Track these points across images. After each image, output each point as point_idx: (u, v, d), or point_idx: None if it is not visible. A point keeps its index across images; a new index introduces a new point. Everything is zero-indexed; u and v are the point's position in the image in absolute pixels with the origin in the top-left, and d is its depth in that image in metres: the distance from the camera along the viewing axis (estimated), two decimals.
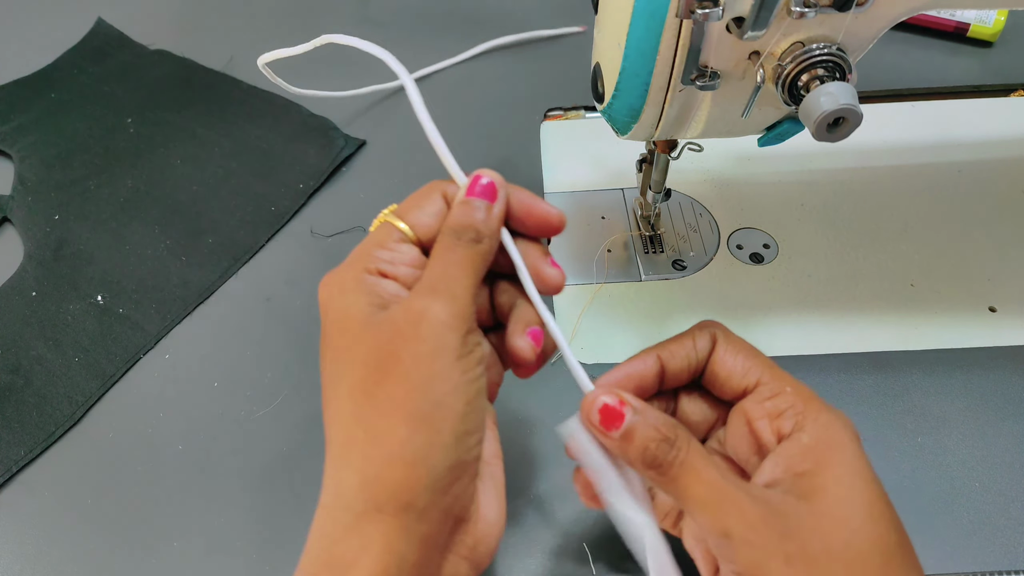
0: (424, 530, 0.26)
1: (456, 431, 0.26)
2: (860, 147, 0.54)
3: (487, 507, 0.29)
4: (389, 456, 0.26)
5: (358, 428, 0.27)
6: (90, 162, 0.56)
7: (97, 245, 0.51)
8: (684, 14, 0.30)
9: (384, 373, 0.26)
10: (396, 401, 0.26)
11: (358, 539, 0.26)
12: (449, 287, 0.27)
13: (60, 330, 0.46)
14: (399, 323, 0.27)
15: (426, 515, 0.26)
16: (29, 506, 0.40)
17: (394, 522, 0.26)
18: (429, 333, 0.26)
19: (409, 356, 0.26)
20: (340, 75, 0.59)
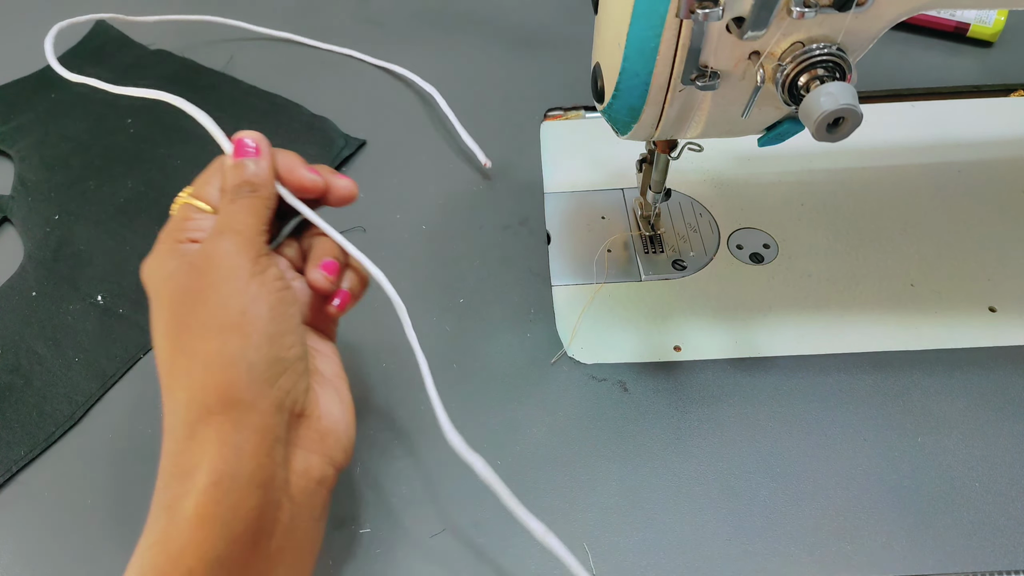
0: (256, 421, 0.29)
1: (266, 332, 0.30)
2: (860, 147, 0.54)
3: (329, 406, 0.33)
4: (207, 365, 0.29)
5: (178, 356, 0.30)
6: (90, 162, 0.56)
7: (97, 245, 0.51)
8: (684, 14, 0.30)
9: (190, 306, 0.30)
10: (205, 322, 0.29)
11: (195, 443, 0.28)
12: (233, 225, 0.31)
13: (60, 330, 0.46)
14: (196, 263, 0.31)
15: (255, 407, 0.29)
16: (29, 506, 0.40)
17: (224, 419, 0.28)
18: (221, 261, 0.30)
19: (208, 284, 0.30)
20: None
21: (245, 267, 0.30)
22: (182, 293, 0.30)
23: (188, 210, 0.33)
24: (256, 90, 0.62)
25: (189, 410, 0.29)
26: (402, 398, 0.43)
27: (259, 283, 0.30)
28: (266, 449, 0.29)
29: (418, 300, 0.47)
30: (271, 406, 0.29)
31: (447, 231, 0.50)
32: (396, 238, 0.50)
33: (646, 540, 0.37)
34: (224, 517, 0.27)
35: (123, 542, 0.38)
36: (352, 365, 0.44)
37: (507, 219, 0.51)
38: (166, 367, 0.30)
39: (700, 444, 0.40)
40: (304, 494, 0.31)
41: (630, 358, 0.43)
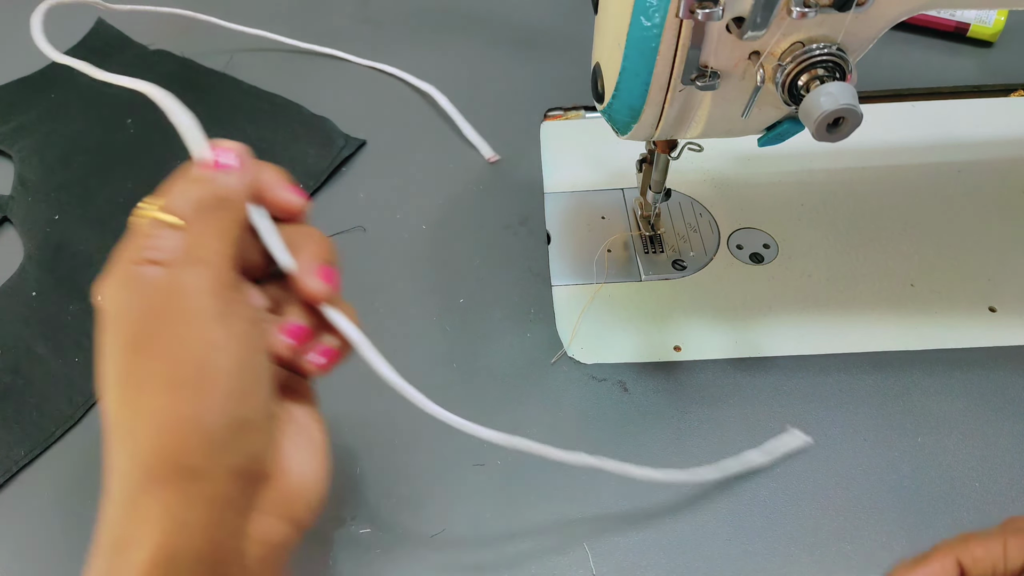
0: (208, 491, 0.25)
1: (229, 390, 0.25)
2: (860, 147, 0.54)
3: (299, 463, 0.28)
4: (154, 425, 0.25)
5: (124, 410, 0.26)
6: (90, 162, 0.56)
7: (97, 245, 0.51)
8: (684, 14, 0.30)
9: (141, 351, 0.25)
10: (156, 374, 0.25)
11: (136, 514, 0.25)
12: (200, 253, 0.26)
13: (60, 330, 0.46)
14: (152, 299, 0.26)
15: (208, 475, 0.25)
16: (29, 506, 0.40)
17: (171, 489, 0.25)
18: (180, 300, 0.26)
19: (165, 327, 0.25)
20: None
21: (208, 308, 0.26)
22: (133, 335, 0.26)
23: (153, 225, 0.28)
24: (256, 90, 0.61)
25: (131, 475, 0.25)
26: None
27: (224, 328, 0.26)
28: (217, 521, 0.25)
29: (418, 300, 0.47)
30: (227, 473, 0.25)
31: (447, 231, 0.50)
32: (396, 238, 0.50)
33: (646, 540, 0.37)
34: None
35: None
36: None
37: (507, 219, 0.51)
38: (110, 419, 0.26)
39: (700, 444, 0.40)
40: (262, 563, 0.26)
41: (630, 358, 0.43)
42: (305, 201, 0.30)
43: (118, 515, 0.25)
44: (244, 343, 0.26)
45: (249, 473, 0.26)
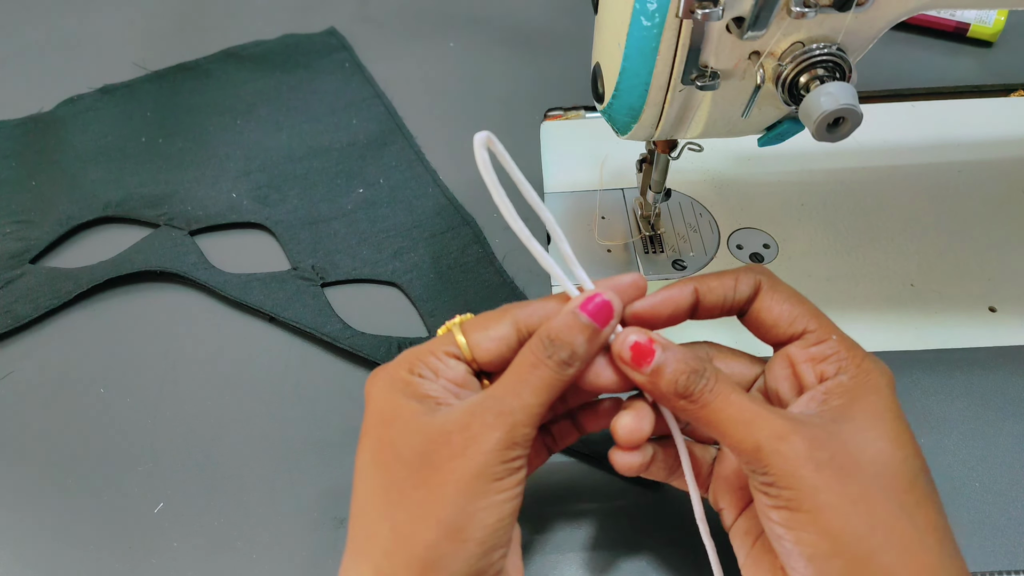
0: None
1: (484, 543, 0.26)
2: (860, 147, 0.54)
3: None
4: (411, 556, 0.26)
5: (384, 524, 0.26)
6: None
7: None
8: (684, 14, 0.30)
9: (423, 478, 0.26)
10: (429, 507, 0.26)
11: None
12: (515, 414, 0.27)
13: None
14: (451, 435, 0.26)
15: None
16: (29, 505, 0.40)
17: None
18: (478, 455, 0.26)
19: (453, 470, 0.26)
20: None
21: (497, 468, 0.26)
22: (421, 459, 0.26)
23: (442, 343, 0.29)
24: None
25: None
26: None
27: (500, 489, 0.26)
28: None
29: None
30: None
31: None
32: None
33: (647, 540, 0.37)
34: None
35: (123, 542, 0.38)
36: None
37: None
38: (366, 525, 0.27)
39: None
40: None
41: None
42: (645, 283, 0.31)
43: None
44: (510, 504, 0.27)
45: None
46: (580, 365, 0.28)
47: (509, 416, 0.27)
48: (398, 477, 0.27)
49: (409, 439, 0.27)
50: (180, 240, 0.50)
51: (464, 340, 0.29)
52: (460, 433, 0.26)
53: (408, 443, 0.27)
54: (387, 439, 0.27)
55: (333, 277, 0.48)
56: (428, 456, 0.26)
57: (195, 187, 0.54)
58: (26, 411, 0.43)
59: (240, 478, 0.40)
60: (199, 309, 0.48)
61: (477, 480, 0.26)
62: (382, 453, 0.27)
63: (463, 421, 0.27)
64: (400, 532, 0.26)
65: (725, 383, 0.28)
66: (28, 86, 0.63)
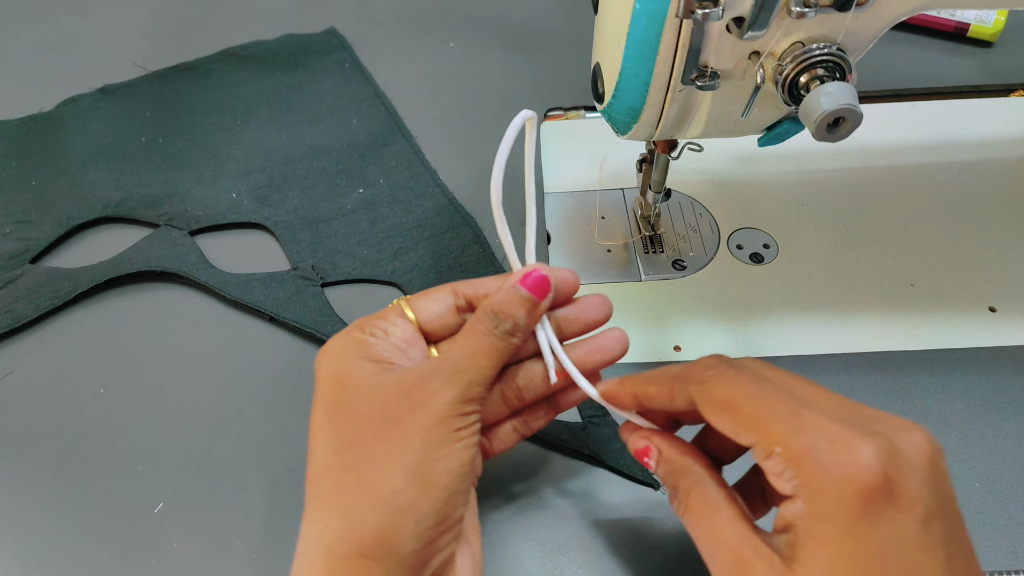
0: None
1: (448, 488, 0.28)
2: (860, 147, 0.54)
3: (462, 566, 0.29)
4: (379, 502, 0.27)
5: (349, 476, 0.28)
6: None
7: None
8: (684, 14, 0.30)
9: (385, 430, 0.28)
10: (394, 456, 0.27)
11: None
12: (468, 373, 0.29)
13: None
14: (410, 391, 0.28)
15: (407, 563, 0.27)
16: (29, 505, 0.40)
17: (376, 566, 0.27)
18: (438, 407, 0.28)
19: (415, 421, 0.28)
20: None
21: (455, 419, 0.28)
22: (382, 413, 0.28)
23: (390, 310, 0.31)
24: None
25: (340, 541, 0.27)
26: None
27: (459, 438, 0.28)
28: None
29: None
30: (420, 564, 0.27)
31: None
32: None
33: (647, 540, 0.37)
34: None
35: (123, 542, 0.38)
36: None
37: (507, 219, 0.51)
38: (329, 480, 0.28)
39: None
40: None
41: (630, 358, 0.43)
42: (578, 282, 0.33)
43: (313, 575, 0.27)
44: (469, 452, 0.29)
45: (433, 572, 0.28)
46: (522, 335, 0.31)
47: (464, 374, 0.29)
48: (360, 432, 0.28)
49: (368, 396, 0.28)
50: (180, 240, 0.50)
51: (409, 309, 0.31)
52: (419, 389, 0.28)
53: (368, 400, 0.28)
54: (343, 400, 0.29)
55: (333, 277, 0.48)
56: (389, 410, 0.28)
57: (195, 187, 0.54)
58: (26, 411, 0.43)
59: (240, 478, 0.40)
60: (199, 309, 0.48)
61: (438, 429, 0.28)
62: (339, 413, 0.29)
63: (421, 379, 0.29)
64: (367, 481, 0.27)
65: (699, 497, 0.28)
66: (28, 86, 0.63)
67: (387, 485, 0.27)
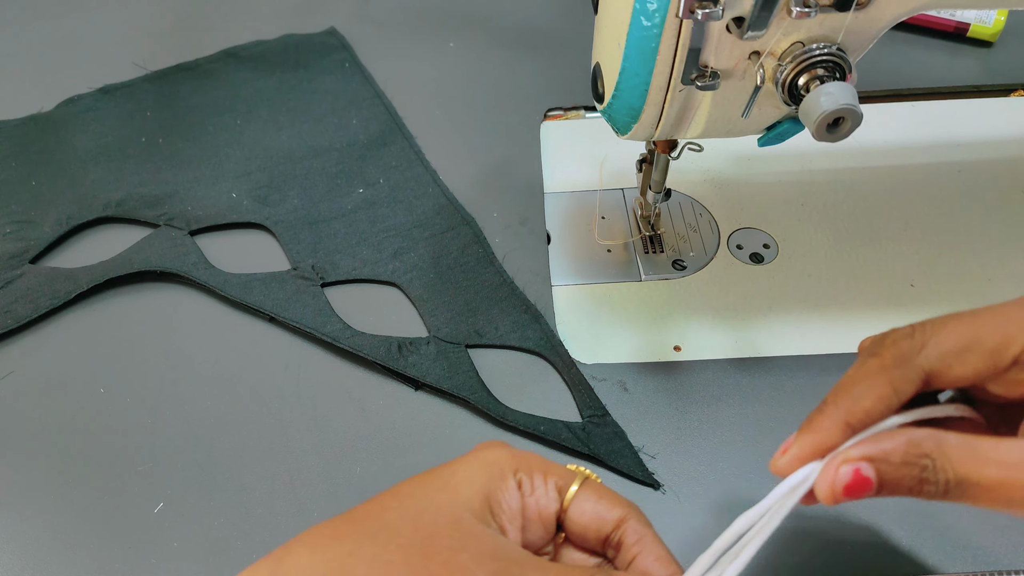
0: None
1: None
2: (860, 147, 0.54)
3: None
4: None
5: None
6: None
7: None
8: (684, 14, 0.30)
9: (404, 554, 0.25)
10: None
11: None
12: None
13: None
14: (450, 547, 0.25)
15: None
16: (29, 505, 0.40)
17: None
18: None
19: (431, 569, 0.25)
20: None
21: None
22: (420, 536, 0.25)
23: (562, 475, 0.28)
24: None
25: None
26: (402, 397, 0.43)
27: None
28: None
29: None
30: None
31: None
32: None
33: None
34: None
35: (123, 542, 0.38)
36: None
37: (507, 219, 0.51)
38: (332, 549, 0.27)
39: (700, 444, 0.40)
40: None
41: (630, 358, 0.43)
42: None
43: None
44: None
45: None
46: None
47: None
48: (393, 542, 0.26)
49: (481, 554, 0.25)
50: (180, 240, 0.50)
51: (573, 491, 0.28)
52: (455, 553, 0.25)
53: (477, 555, 0.25)
54: (458, 548, 0.26)
55: (333, 277, 0.48)
56: (426, 541, 0.25)
57: (195, 187, 0.54)
58: (26, 411, 0.43)
59: (240, 478, 0.40)
60: (199, 309, 0.48)
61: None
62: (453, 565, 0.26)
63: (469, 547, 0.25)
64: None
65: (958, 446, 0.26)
66: (28, 86, 0.63)
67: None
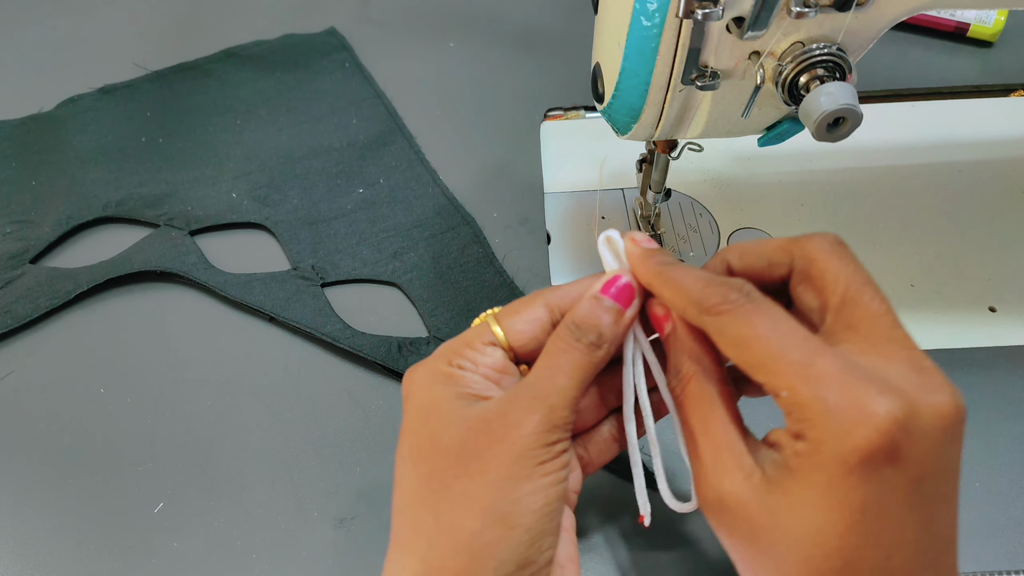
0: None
1: (531, 530, 0.26)
2: (860, 147, 0.54)
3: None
4: (457, 545, 0.26)
5: (428, 515, 0.26)
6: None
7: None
8: (684, 14, 0.30)
9: (464, 467, 0.26)
10: (473, 495, 0.26)
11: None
12: (550, 397, 0.27)
13: None
14: (491, 423, 0.27)
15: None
16: (29, 505, 0.40)
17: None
18: (518, 439, 0.26)
19: (494, 456, 0.26)
20: None
21: (539, 452, 0.26)
22: (463, 448, 0.26)
23: (478, 333, 0.29)
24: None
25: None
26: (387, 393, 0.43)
27: (544, 472, 0.26)
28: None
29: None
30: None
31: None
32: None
33: (647, 541, 0.37)
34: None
35: (123, 542, 0.38)
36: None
37: (507, 219, 0.51)
38: (410, 518, 0.27)
39: None
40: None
41: None
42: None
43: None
44: (555, 488, 0.27)
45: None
46: (609, 347, 0.28)
47: (545, 399, 0.27)
48: (439, 468, 0.27)
49: (449, 430, 0.27)
50: (180, 240, 0.50)
51: (499, 328, 0.29)
52: (499, 420, 0.26)
53: (448, 434, 0.27)
54: (426, 432, 0.27)
55: (333, 277, 0.48)
56: (468, 445, 0.26)
57: (195, 187, 0.54)
58: (26, 411, 0.44)
59: (240, 478, 0.40)
60: (199, 309, 0.48)
61: (519, 464, 0.26)
62: (421, 447, 0.27)
63: (501, 409, 0.27)
64: (444, 522, 0.26)
65: (698, 387, 0.27)
66: (28, 86, 0.63)
67: (465, 526, 0.26)
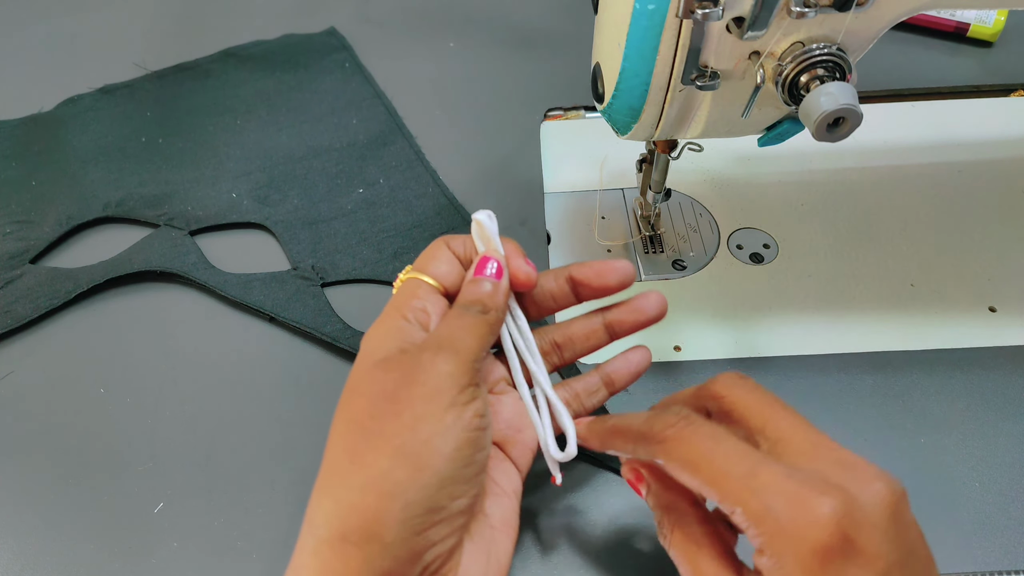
0: (386, 566, 0.26)
1: (440, 473, 0.27)
2: (860, 147, 0.54)
3: (471, 566, 0.28)
4: (367, 484, 0.26)
5: (345, 457, 0.28)
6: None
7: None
8: (684, 14, 0.30)
9: (382, 410, 0.28)
10: (385, 435, 0.27)
11: (318, 564, 0.26)
12: (454, 344, 0.29)
13: None
14: (405, 367, 0.28)
15: (391, 551, 0.26)
16: (29, 505, 0.40)
17: (356, 552, 0.26)
18: (427, 379, 0.28)
19: (406, 396, 0.28)
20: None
21: (449, 395, 0.28)
22: (382, 393, 0.28)
23: (415, 285, 0.32)
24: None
25: (326, 525, 0.27)
26: None
27: (455, 416, 0.28)
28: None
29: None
30: (407, 554, 0.26)
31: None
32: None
33: (647, 541, 0.37)
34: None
35: (123, 542, 0.38)
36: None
37: (507, 219, 0.51)
38: (331, 460, 0.28)
39: None
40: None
41: None
42: (536, 275, 0.34)
43: (302, 558, 0.27)
44: (468, 434, 0.28)
45: (426, 564, 0.27)
46: (497, 311, 0.31)
47: (452, 345, 0.29)
48: (361, 411, 0.28)
49: (374, 377, 0.29)
50: (180, 240, 0.50)
51: (428, 277, 0.32)
52: (412, 363, 0.28)
53: (373, 381, 0.29)
54: (355, 380, 0.29)
55: (333, 277, 0.48)
56: (387, 388, 0.28)
57: (195, 187, 0.54)
58: (26, 411, 0.43)
59: (240, 478, 0.40)
60: (199, 309, 0.48)
61: (430, 404, 0.27)
62: (351, 393, 0.29)
63: (415, 353, 0.29)
64: (359, 462, 0.27)
65: (681, 534, 0.29)
66: (28, 86, 0.63)
67: (376, 465, 0.27)
